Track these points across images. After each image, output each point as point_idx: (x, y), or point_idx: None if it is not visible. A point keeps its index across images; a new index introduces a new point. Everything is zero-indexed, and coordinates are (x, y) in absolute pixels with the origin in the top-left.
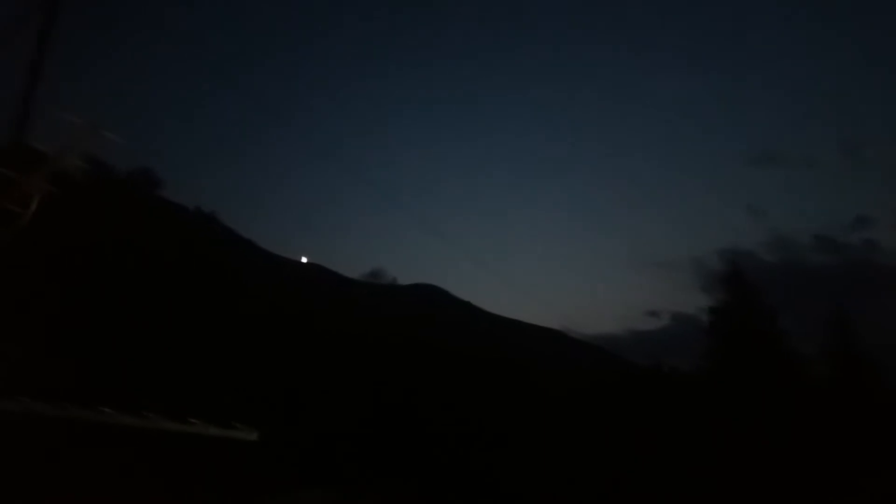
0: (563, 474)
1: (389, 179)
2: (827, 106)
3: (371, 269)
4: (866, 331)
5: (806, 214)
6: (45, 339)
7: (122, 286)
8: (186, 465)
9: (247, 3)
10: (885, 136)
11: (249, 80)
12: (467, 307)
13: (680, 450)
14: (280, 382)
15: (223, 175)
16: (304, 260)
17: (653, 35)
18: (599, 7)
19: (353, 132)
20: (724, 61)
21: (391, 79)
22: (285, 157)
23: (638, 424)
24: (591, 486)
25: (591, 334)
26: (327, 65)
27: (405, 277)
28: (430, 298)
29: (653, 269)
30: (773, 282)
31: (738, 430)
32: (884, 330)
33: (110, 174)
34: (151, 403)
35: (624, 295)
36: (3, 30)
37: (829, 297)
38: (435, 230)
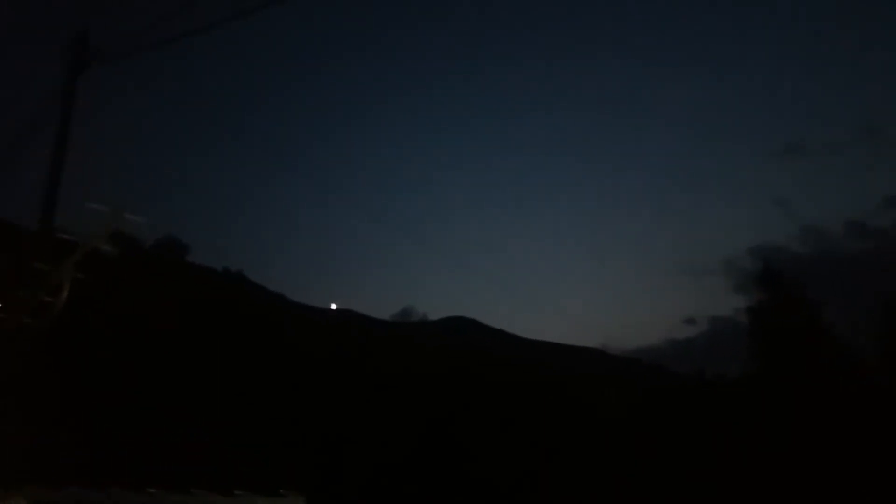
0: (616, 493)
1: (410, 216)
2: (844, 91)
3: (401, 307)
4: None
5: (833, 202)
6: (84, 422)
7: (156, 357)
8: None
9: (259, 63)
10: None
11: (263, 133)
12: (500, 335)
13: (733, 459)
14: (321, 436)
15: (245, 232)
16: (333, 307)
17: (664, 34)
18: (619, 9)
19: (365, 171)
20: (734, 55)
21: (408, 115)
22: (302, 208)
23: (689, 437)
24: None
25: (630, 349)
26: (343, 113)
27: (435, 313)
28: (463, 330)
29: (684, 275)
30: (809, 274)
31: (792, 434)
32: None
33: (138, 247)
34: (196, 475)
35: (659, 305)
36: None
37: (870, 284)
38: (460, 262)
